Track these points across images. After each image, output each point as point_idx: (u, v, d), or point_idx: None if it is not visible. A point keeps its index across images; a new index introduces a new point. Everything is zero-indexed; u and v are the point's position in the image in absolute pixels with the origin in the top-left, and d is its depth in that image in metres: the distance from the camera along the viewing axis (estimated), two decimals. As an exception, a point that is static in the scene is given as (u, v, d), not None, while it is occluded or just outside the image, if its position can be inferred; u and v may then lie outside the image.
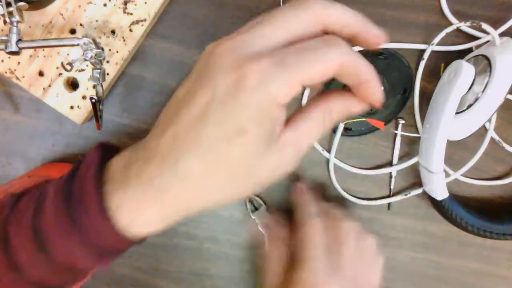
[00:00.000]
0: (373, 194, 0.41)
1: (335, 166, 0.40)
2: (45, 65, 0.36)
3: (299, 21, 0.20)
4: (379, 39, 0.22)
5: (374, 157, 0.41)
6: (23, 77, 0.36)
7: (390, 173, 0.41)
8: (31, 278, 0.23)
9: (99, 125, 0.36)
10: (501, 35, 0.36)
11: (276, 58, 0.19)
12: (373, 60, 0.38)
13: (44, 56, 0.36)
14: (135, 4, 0.36)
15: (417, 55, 0.39)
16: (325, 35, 0.21)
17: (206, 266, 0.42)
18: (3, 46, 0.32)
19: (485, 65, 0.34)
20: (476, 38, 0.38)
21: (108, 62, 0.36)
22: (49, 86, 0.36)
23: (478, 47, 0.38)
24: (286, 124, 0.21)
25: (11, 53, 0.32)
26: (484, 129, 0.39)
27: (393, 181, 0.41)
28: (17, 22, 0.32)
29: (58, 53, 0.36)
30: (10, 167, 0.40)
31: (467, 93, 0.35)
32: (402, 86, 0.39)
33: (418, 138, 0.40)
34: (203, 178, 0.20)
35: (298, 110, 0.22)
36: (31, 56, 0.36)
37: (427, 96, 0.39)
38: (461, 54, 0.38)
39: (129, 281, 0.42)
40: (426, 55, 0.38)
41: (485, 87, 0.34)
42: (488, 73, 0.34)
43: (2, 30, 0.36)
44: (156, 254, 0.42)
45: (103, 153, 0.23)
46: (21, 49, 0.32)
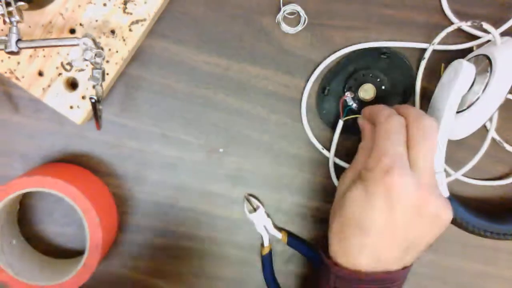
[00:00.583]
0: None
1: (335, 165, 0.40)
2: (44, 65, 0.36)
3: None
4: None
5: (375, 157, 0.41)
6: (23, 77, 0.36)
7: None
8: None
9: (98, 125, 0.36)
10: (502, 34, 0.36)
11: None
12: (375, 59, 0.38)
13: (44, 56, 0.36)
14: (135, 4, 0.36)
15: (418, 55, 0.39)
16: None
17: (206, 266, 0.42)
18: (2, 46, 0.32)
19: (485, 64, 0.34)
20: (477, 37, 0.38)
21: (108, 62, 0.36)
22: (49, 86, 0.36)
23: (479, 46, 0.38)
24: None
25: (10, 53, 0.32)
26: (485, 129, 0.39)
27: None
28: (17, 22, 0.32)
29: (58, 53, 0.36)
30: (10, 167, 0.40)
31: (467, 92, 0.35)
32: (404, 85, 0.39)
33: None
34: None
35: None
36: (30, 56, 0.36)
37: (427, 96, 0.39)
38: (462, 54, 0.38)
39: (129, 282, 0.42)
40: (427, 55, 0.38)
41: (485, 86, 0.34)
42: (488, 72, 0.34)
43: (2, 30, 0.36)
44: (156, 254, 0.42)
45: None
46: (20, 49, 0.32)
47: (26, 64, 0.36)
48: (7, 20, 0.32)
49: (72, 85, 0.38)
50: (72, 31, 0.36)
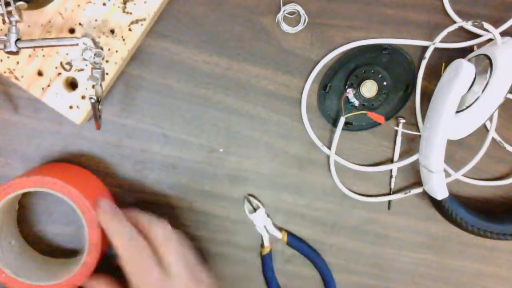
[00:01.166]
0: (373, 193, 0.41)
1: (336, 163, 0.40)
2: (44, 64, 0.36)
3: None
4: None
5: (375, 156, 0.41)
6: (22, 76, 0.36)
7: (391, 171, 0.41)
8: None
9: (98, 125, 0.36)
10: (502, 34, 0.36)
11: None
12: (377, 55, 0.38)
13: (43, 56, 0.36)
14: (135, 4, 0.36)
15: (419, 54, 0.39)
16: None
17: (205, 266, 0.42)
18: (2, 46, 0.32)
19: (486, 64, 0.34)
20: (479, 36, 0.38)
21: (107, 61, 0.36)
22: (48, 85, 0.36)
23: (480, 46, 0.38)
24: None
25: (10, 52, 0.32)
26: (485, 129, 0.39)
27: (393, 180, 0.41)
28: (16, 22, 0.32)
29: (57, 52, 0.36)
30: (9, 167, 0.40)
31: (467, 92, 0.35)
32: (405, 82, 0.39)
33: (419, 137, 0.40)
34: None
35: None
36: (30, 56, 0.36)
37: (428, 95, 0.39)
38: (462, 54, 0.38)
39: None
40: (428, 54, 0.38)
41: (485, 86, 0.34)
42: (488, 72, 0.34)
43: (1, 29, 0.36)
44: (156, 254, 0.42)
45: None
46: (20, 48, 0.32)
47: (26, 64, 0.36)
48: (6, 19, 0.31)
49: (72, 85, 0.38)
50: (72, 30, 0.36)
